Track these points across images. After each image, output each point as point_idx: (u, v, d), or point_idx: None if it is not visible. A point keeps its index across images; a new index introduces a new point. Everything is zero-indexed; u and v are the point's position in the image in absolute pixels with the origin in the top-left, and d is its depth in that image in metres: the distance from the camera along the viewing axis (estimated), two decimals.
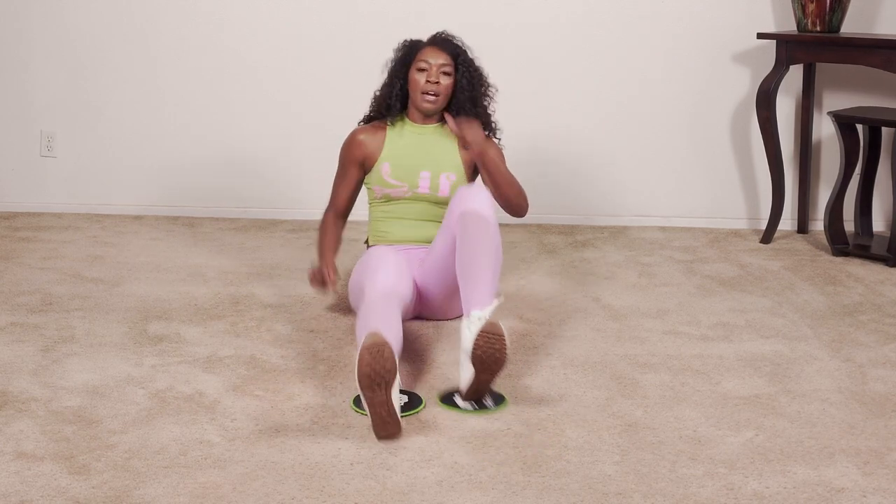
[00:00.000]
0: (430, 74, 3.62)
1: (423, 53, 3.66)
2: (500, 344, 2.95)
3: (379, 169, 3.71)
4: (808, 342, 3.60)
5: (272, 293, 3.99)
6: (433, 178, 3.69)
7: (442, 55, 3.65)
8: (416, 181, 3.69)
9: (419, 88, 3.65)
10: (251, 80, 5.10)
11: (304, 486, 2.57)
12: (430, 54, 3.65)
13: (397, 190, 3.68)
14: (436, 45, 3.68)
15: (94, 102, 5.14)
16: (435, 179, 3.69)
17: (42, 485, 2.55)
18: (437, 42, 3.69)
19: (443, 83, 3.64)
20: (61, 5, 5.07)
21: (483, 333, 2.96)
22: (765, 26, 5.01)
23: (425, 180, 3.69)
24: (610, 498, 2.54)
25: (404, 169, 3.69)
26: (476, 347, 2.95)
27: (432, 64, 3.63)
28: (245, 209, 5.17)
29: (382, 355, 2.77)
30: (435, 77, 3.63)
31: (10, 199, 5.21)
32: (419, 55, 3.66)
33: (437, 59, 3.64)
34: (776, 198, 4.87)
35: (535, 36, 5.04)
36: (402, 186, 3.68)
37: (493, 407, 3.02)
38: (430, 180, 3.69)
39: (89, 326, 3.61)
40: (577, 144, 5.11)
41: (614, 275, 4.33)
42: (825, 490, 2.60)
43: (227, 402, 3.03)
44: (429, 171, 3.69)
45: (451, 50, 3.67)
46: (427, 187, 3.69)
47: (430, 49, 3.67)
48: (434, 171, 3.69)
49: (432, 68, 3.63)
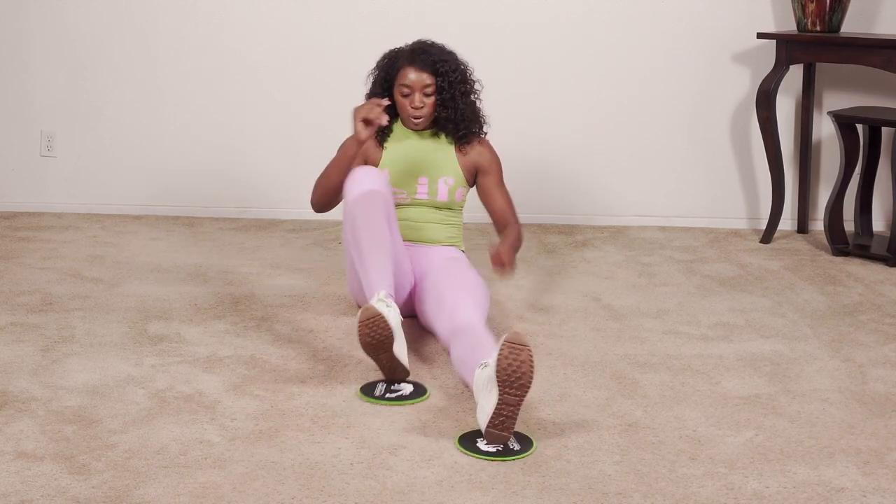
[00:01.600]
0: (413, 100, 3.62)
1: (404, 76, 3.62)
2: (526, 355, 2.71)
3: None
4: (808, 342, 3.60)
5: (272, 293, 3.99)
6: (431, 183, 3.69)
7: (423, 74, 3.61)
8: (415, 187, 3.69)
9: (406, 112, 3.66)
10: (251, 80, 5.10)
11: (304, 486, 2.57)
12: (411, 75, 3.61)
13: (396, 197, 3.67)
14: (415, 64, 3.62)
15: (94, 102, 5.14)
16: (433, 185, 3.69)
17: (42, 485, 2.55)
18: (416, 60, 3.63)
19: (427, 103, 3.63)
20: (61, 5, 5.07)
21: (508, 343, 2.72)
22: (765, 26, 5.01)
23: (423, 186, 3.69)
24: (610, 498, 2.54)
25: (402, 176, 3.69)
26: (501, 358, 2.70)
27: (414, 86, 3.61)
28: (245, 209, 5.17)
29: (378, 325, 3.02)
30: (419, 102, 3.62)
31: (10, 199, 5.21)
32: (400, 77, 3.63)
33: (418, 80, 3.61)
34: (776, 198, 4.87)
35: (535, 36, 5.04)
36: (402, 193, 3.69)
37: (522, 453, 2.74)
38: (427, 186, 3.69)
39: (89, 326, 3.61)
40: (577, 144, 5.11)
41: (614, 275, 4.33)
42: (825, 490, 2.60)
43: (227, 402, 3.03)
44: (426, 176, 3.70)
45: (431, 67, 3.63)
46: (425, 193, 3.69)
47: (411, 70, 3.62)
48: (432, 177, 3.69)
49: (415, 93, 3.62)
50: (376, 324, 3.03)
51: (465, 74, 3.69)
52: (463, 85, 3.68)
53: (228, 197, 5.17)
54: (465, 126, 3.69)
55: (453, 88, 3.65)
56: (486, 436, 2.75)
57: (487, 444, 2.75)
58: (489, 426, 2.74)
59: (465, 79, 3.69)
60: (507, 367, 2.70)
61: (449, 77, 3.64)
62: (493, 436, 2.74)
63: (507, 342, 2.72)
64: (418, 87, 3.61)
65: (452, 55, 3.69)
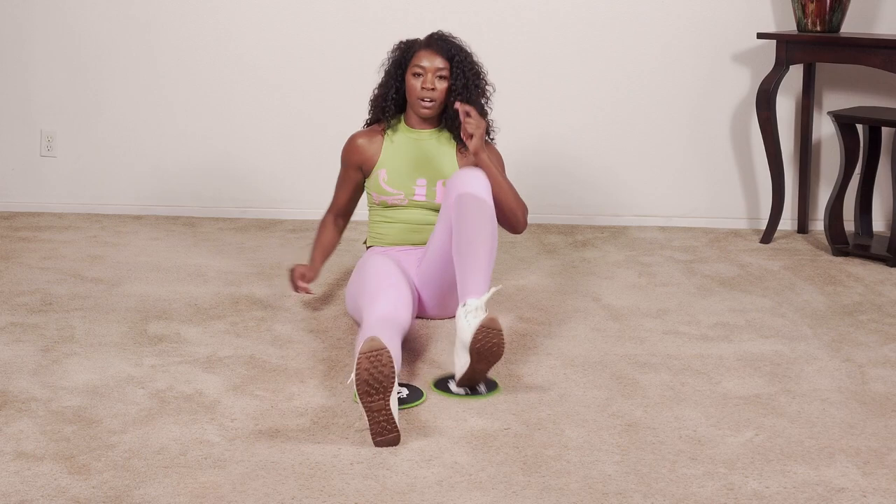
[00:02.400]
0: (426, 80, 3.57)
1: (419, 57, 3.59)
2: (498, 338, 3.02)
3: (377, 175, 3.69)
4: (808, 342, 3.60)
5: (272, 293, 3.99)
6: (429, 185, 3.66)
7: (437, 58, 3.58)
8: (413, 189, 3.65)
9: (416, 94, 3.60)
10: (251, 80, 5.10)
11: (304, 486, 2.57)
12: (425, 58, 3.58)
13: (394, 197, 3.66)
14: (431, 47, 3.60)
15: (94, 102, 5.14)
16: (431, 187, 3.65)
17: (42, 485, 2.55)
18: (433, 44, 3.61)
19: (439, 88, 3.59)
20: (61, 5, 5.07)
21: (482, 328, 3.01)
22: (765, 26, 5.01)
23: (421, 188, 3.66)
24: (610, 498, 2.54)
25: (400, 176, 3.66)
26: (475, 341, 3.01)
27: (427, 68, 3.57)
28: (245, 209, 5.17)
29: (381, 361, 2.72)
30: (431, 83, 3.57)
31: (10, 199, 5.21)
32: (415, 59, 3.60)
33: (432, 63, 3.57)
34: (776, 198, 4.87)
35: (535, 35, 5.04)
36: (399, 194, 3.65)
37: (486, 393, 3.10)
38: (426, 188, 3.66)
39: (89, 326, 3.61)
40: (576, 144, 5.11)
41: (614, 275, 4.33)
42: (825, 490, 2.60)
43: (227, 402, 3.03)
44: (425, 178, 3.66)
45: (446, 52, 3.59)
46: (423, 195, 3.66)
47: (426, 52, 3.59)
48: (430, 179, 3.66)
49: (427, 73, 3.57)
50: (380, 359, 2.72)
51: (479, 72, 3.64)
52: (477, 80, 3.62)
53: (228, 197, 5.17)
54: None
55: (467, 79, 3.58)
56: (458, 382, 3.12)
57: (458, 388, 3.13)
58: (459, 383, 3.11)
59: (479, 76, 3.64)
60: (479, 348, 3.02)
61: (464, 67, 3.58)
62: (463, 382, 3.12)
63: (483, 326, 3.01)
64: (432, 70, 3.56)
65: (470, 52, 3.65)
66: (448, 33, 3.69)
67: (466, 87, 3.58)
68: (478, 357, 3.03)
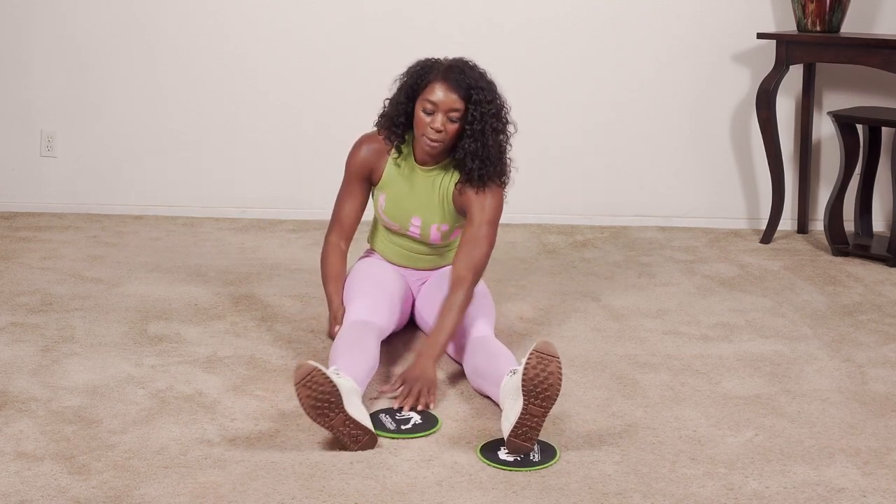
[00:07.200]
0: (435, 120, 3.20)
1: (432, 90, 3.20)
2: (554, 367, 2.67)
3: (378, 197, 3.48)
4: (808, 342, 3.60)
5: (272, 293, 3.99)
6: (424, 226, 3.42)
7: (453, 96, 3.18)
8: (408, 225, 3.45)
9: (422, 130, 3.23)
10: (251, 80, 5.10)
11: (304, 486, 2.57)
12: (439, 93, 3.19)
13: (391, 225, 3.49)
14: (447, 81, 3.20)
15: (94, 102, 5.14)
16: (426, 228, 3.42)
17: (42, 485, 2.55)
18: (450, 79, 3.20)
19: (448, 130, 3.21)
20: (61, 5, 5.07)
21: (536, 353, 2.69)
22: (765, 26, 5.01)
23: (416, 227, 3.43)
24: (610, 498, 2.54)
25: (398, 209, 3.43)
26: (528, 368, 2.67)
27: (439, 105, 3.18)
28: (245, 209, 5.17)
29: (316, 381, 2.68)
30: (440, 125, 3.19)
31: (10, 199, 5.21)
32: (427, 90, 3.21)
33: (445, 100, 3.18)
34: (776, 198, 4.87)
35: (534, 36, 5.04)
36: (395, 225, 3.47)
37: (542, 464, 2.69)
38: (420, 228, 3.42)
39: (89, 326, 3.61)
40: (577, 144, 5.11)
41: (614, 275, 4.33)
42: (825, 490, 2.60)
43: (227, 402, 3.03)
44: (420, 217, 3.41)
45: (464, 89, 3.20)
46: (417, 234, 3.44)
47: (441, 85, 3.19)
48: (425, 220, 3.41)
49: (438, 113, 3.19)
50: (315, 380, 2.68)
51: (500, 110, 3.26)
52: (495, 121, 3.23)
53: (228, 197, 5.17)
54: (488, 166, 3.25)
55: (484, 121, 3.20)
56: (508, 444, 2.71)
57: (508, 454, 2.72)
58: (511, 435, 2.69)
59: (500, 115, 3.25)
60: (533, 378, 2.67)
61: (482, 107, 3.20)
62: (514, 445, 2.70)
63: (536, 352, 2.69)
64: (444, 108, 3.19)
65: (492, 85, 3.26)
66: (470, 62, 3.29)
67: (483, 132, 3.21)
68: (531, 392, 2.66)
